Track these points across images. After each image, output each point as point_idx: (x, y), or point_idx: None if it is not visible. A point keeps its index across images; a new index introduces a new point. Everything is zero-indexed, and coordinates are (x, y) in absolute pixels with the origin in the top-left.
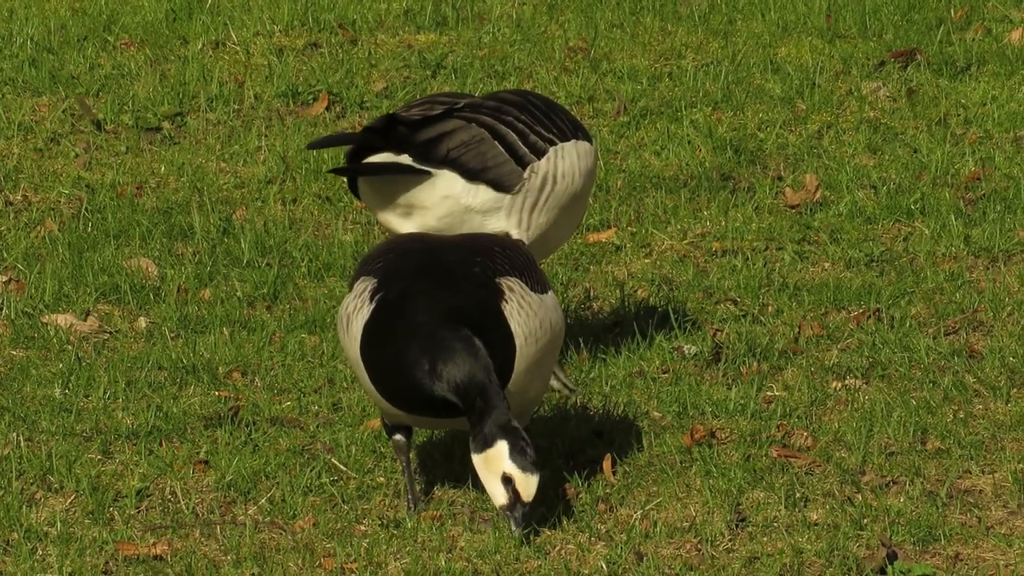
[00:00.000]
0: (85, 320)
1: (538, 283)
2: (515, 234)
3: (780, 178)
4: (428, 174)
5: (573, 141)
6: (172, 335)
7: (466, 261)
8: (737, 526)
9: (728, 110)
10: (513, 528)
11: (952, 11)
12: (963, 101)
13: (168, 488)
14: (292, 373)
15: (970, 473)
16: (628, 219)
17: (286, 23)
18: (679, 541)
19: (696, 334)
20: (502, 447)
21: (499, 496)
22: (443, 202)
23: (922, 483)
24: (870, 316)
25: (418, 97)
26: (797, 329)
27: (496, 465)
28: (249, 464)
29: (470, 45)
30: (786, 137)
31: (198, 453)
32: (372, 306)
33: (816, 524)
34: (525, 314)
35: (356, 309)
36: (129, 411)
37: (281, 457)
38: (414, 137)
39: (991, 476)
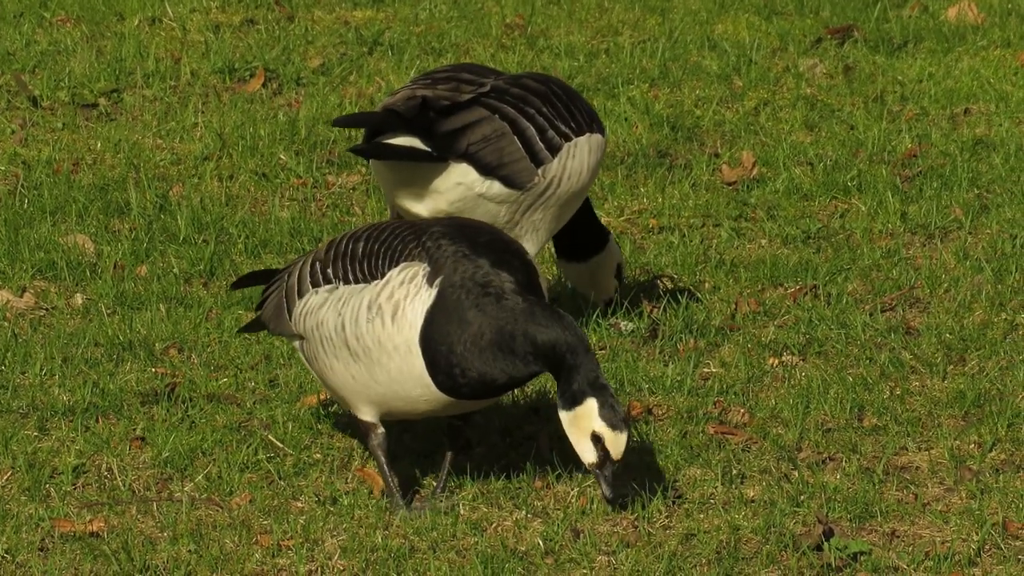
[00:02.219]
0: (21, 297)
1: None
2: (509, 229)
3: (717, 155)
4: (444, 163)
5: (587, 135)
6: (109, 311)
7: (496, 239)
8: (674, 502)
9: (665, 87)
10: (604, 489)
11: None
12: (900, 78)
13: (105, 465)
14: (229, 350)
15: (907, 450)
16: None
17: None
18: (616, 518)
19: (633, 311)
20: (591, 404)
21: (588, 454)
22: (456, 188)
23: (859, 460)
24: (807, 293)
25: (426, 71)
26: (734, 306)
27: (586, 423)
28: (186, 441)
29: (407, 22)
30: (723, 114)
31: (135, 430)
32: (434, 290)
33: (753, 501)
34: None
35: (409, 295)
36: (65, 388)
37: (218, 434)
38: (438, 125)
39: (927, 453)
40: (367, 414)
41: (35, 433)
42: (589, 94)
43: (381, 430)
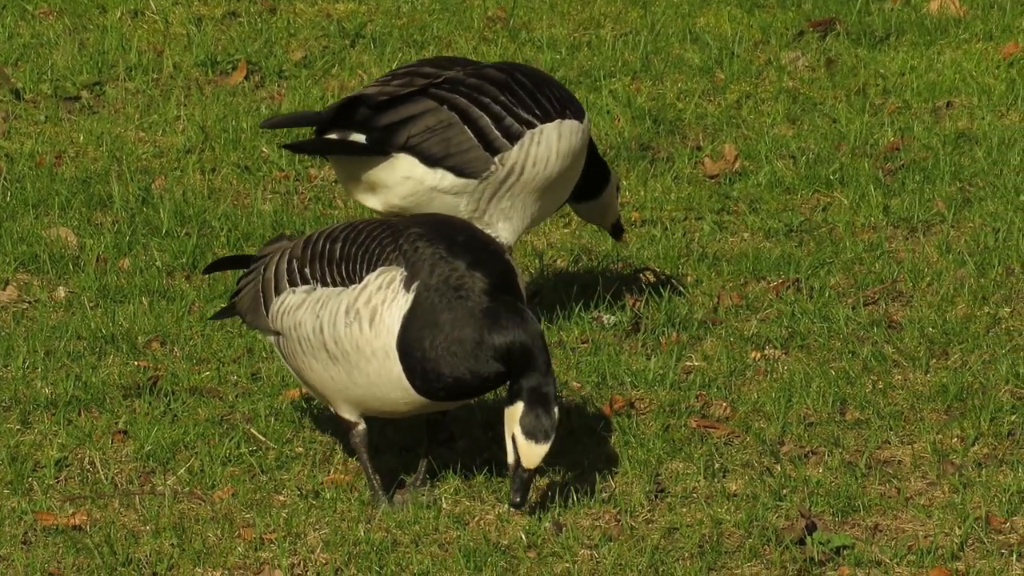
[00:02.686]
0: (4, 289)
1: None
2: (477, 219)
3: (699, 148)
4: (386, 155)
5: (557, 121)
6: (91, 305)
7: (473, 238)
8: (656, 497)
9: (647, 80)
10: (512, 492)
11: None
12: (882, 71)
13: (87, 458)
14: (211, 343)
15: (889, 444)
16: None
17: None
18: (598, 512)
19: (615, 304)
20: (518, 408)
21: (507, 454)
22: (405, 183)
23: (841, 454)
24: (789, 286)
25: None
26: (716, 299)
27: (510, 424)
28: (168, 434)
29: (389, 14)
30: (705, 107)
31: (117, 423)
32: (411, 295)
33: (735, 495)
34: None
35: (386, 300)
36: (48, 381)
37: (200, 427)
38: (376, 119)
39: (910, 447)
40: (347, 412)
41: (17, 426)
42: (571, 87)
43: (362, 427)
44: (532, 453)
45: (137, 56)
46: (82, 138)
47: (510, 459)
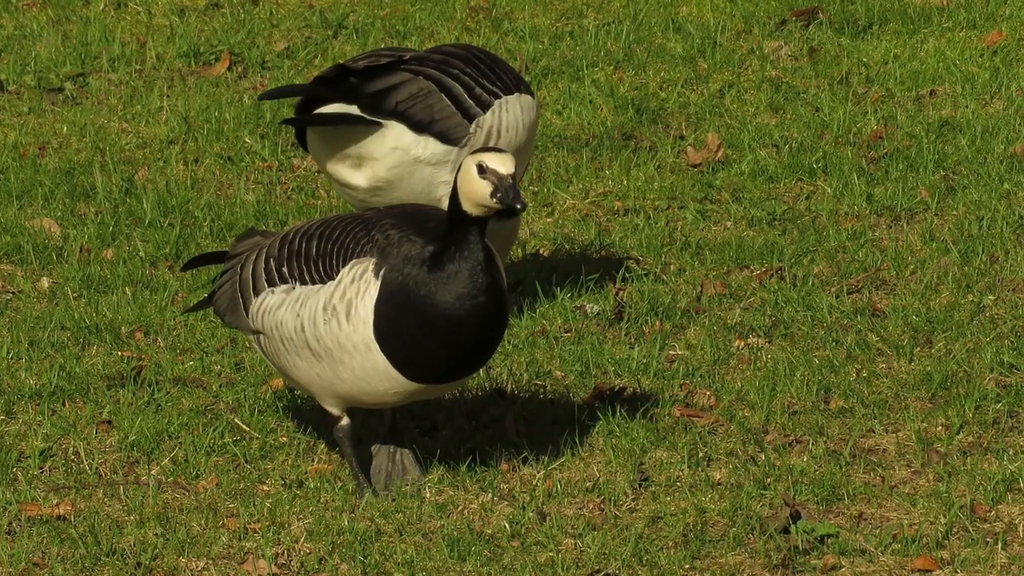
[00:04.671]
0: None
1: None
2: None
3: (682, 137)
4: (378, 125)
5: (516, 94)
6: (75, 295)
7: (439, 218)
8: (640, 486)
9: (630, 69)
10: (512, 199)
11: None
12: (865, 60)
13: (71, 448)
14: (195, 333)
15: (873, 432)
16: (530, 178)
17: None
18: (582, 500)
19: (598, 293)
20: (465, 160)
21: (484, 188)
22: (392, 153)
23: (825, 442)
24: (772, 275)
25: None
26: (699, 288)
27: (466, 168)
28: (152, 424)
29: (371, 5)
30: (688, 96)
31: (101, 413)
32: (379, 281)
33: (719, 484)
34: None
35: (360, 291)
36: (32, 371)
37: (184, 417)
38: (363, 88)
39: (894, 435)
40: (332, 406)
41: (1, 417)
42: (554, 76)
43: (346, 420)
44: (502, 160)
45: (120, 47)
46: (65, 129)
47: (489, 187)
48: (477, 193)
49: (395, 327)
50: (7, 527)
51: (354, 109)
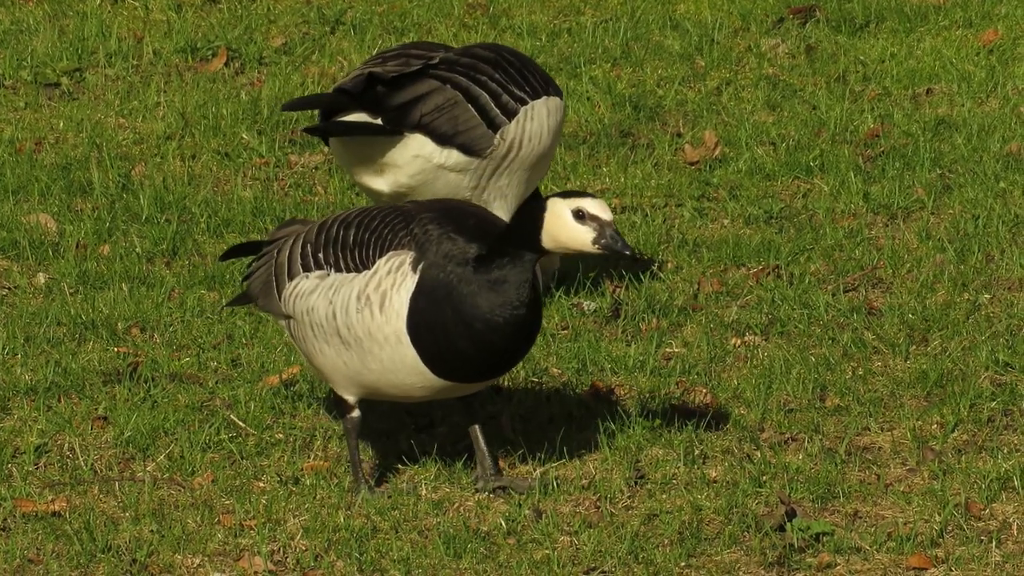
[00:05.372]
0: None
1: None
2: (476, 197)
3: (679, 135)
4: (400, 135)
5: (544, 98)
6: (71, 291)
7: (484, 220)
8: (636, 483)
9: (627, 67)
10: (620, 247)
11: None
12: (862, 58)
13: (67, 444)
14: (191, 329)
15: (869, 430)
16: None
17: None
18: (578, 498)
19: (595, 291)
20: (554, 201)
21: (585, 234)
22: (414, 161)
23: (821, 440)
24: (769, 273)
25: (381, 50)
26: (696, 286)
27: (563, 215)
28: (148, 420)
29: (369, 1)
30: (685, 94)
31: (97, 409)
32: (417, 275)
33: (715, 481)
34: None
35: (395, 284)
36: (28, 367)
37: (180, 413)
38: (388, 100)
39: (890, 433)
40: (350, 396)
41: None
42: (552, 73)
43: (357, 413)
44: (602, 207)
45: (117, 43)
46: (62, 124)
47: (592, 233)
48: (576, 240)
49: (429, 322)
50: (2, 523)
51: (378, 120)
